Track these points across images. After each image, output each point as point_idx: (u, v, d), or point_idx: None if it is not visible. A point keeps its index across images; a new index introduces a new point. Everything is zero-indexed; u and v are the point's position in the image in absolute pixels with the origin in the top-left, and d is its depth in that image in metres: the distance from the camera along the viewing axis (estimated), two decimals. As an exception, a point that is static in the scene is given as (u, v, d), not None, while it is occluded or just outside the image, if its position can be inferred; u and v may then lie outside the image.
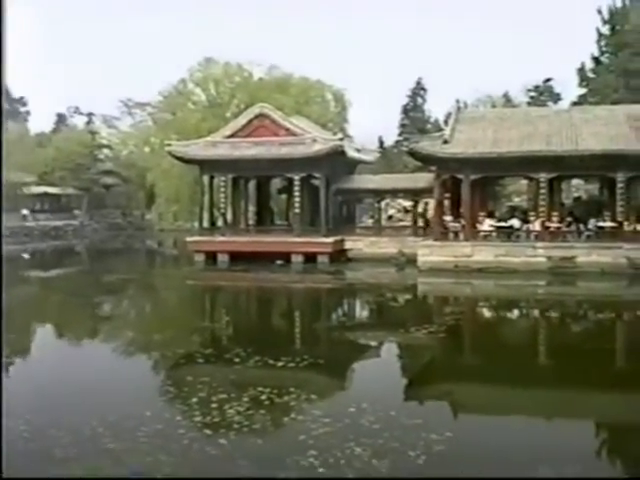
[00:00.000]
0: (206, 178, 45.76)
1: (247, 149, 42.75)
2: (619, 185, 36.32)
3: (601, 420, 13.11)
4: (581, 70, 65.36)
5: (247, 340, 19.89)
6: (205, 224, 45.94)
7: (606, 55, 63.20)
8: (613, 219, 36.85)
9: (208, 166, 44.39)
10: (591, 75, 64.37)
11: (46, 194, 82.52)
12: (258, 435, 11.31)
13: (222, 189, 44.71)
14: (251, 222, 49.90)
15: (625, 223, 36.21)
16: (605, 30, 62.91)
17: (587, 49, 74.03)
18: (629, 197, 37.81)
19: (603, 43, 63.43)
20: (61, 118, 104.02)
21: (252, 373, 15.49)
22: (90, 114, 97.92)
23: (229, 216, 46.54)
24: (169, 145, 46.28)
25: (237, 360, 16.39)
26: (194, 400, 13.07)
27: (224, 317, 26.23)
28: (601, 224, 37.43)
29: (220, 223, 45.72)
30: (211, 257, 42.54)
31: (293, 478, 9.69)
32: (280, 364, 15.91)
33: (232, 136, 44.40)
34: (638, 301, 29.17)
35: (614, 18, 61.13)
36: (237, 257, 41.06)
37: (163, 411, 12.60)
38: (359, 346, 20.37)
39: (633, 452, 11.55)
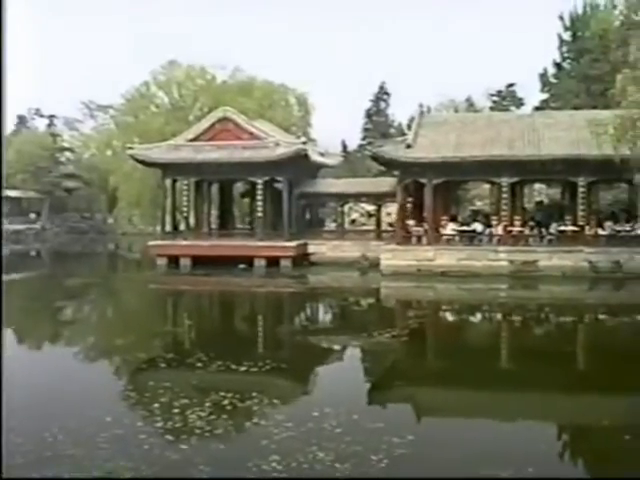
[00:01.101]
0: (168, 182, 45.61)
1: (210, 153, 42.60)
2: (580, 189, 36.66)
3: (562, 422, 13.18)
4: (543, 75, 66.00)
5: (209, 345, 19.82)
6: (167, 228, 45.80)
7: (568, 61, 63.86)
8: (574, 223, 37.19)
9: (170, 170, 44.22)
10: (553, 80, 65.02)
11: (6, 197, 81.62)
12: (220, 440, 11.23)
13: (184, 193, 44.52)
14: (214, 226, 49.76)
15: (586, 227, 36.55)
16: (567, 36, 63.56)
17: (549, 55, 74.70)
18: (590, 201, 38.22)
19: (565, 49, 64.09)
20: (22, 120, 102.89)
21: (214, 378, 15.42)
22: (52, 116, 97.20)
23: (191, 220, 46.33)
24: (131, 148, 45.98)
25: (199, 365, 16.27)
26: (155, 405, 12.95)
27: (186, 321, 26.09)
28: (562, 228, 37.78)
29: (182, 227, 45.57)
30: (173, 261, 42.32)
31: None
32: (243, 369, 15.82)
33: (195, 139, 44.25)
34: (599, 304, 29.42)
35: (575, 25, 61.76)
36: (199, 261, 40.86)
37: (124, 416, 12.46)
38: (322, 350, 20.32)
39: (593, 453, 11.65)
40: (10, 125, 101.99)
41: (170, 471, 9.87)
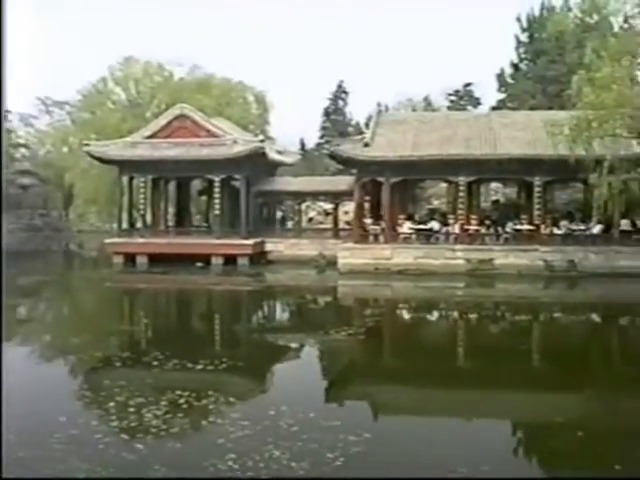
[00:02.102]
0: (125, 179, 45.27)
1: (167, 150, 42.41)
2: (536, 189, 37.04)
3: (517, 419, 13.28)
4: (500, 76, 66.58)
5: (166, 343, 19.75)
6: (124, 225, 45.47)
7: (525, 62, 64.54)
8: (530, 222, 37.55)
9: (127, 167, 43.92)
10: (510, 81, 65.61)
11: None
12: (176, 439, 11.16)
13: (141, 190, 44.27)
14: (171, 224, 49.55)
15: (542, 226, 36.94)
16: (524, 38, 64.25)
17: (506, 55, 75.19)
18: (546, 201, 38.64)
19: (522, 50, 64.75)
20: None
21: (170, 376, 15.32)
22: (6, 112, 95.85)
23: (148, 217, 46.10)
24: (88, 145, 45.60)
25: (155, 363, 16.16)
26: (111, 404, 12.84)
27: (143, 320, 25.91)
28: (519, 227, 38.15)
29: (139, 224, 45.25)
30: (130, 259, 42.08)
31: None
32: (199, 367, 15.76)
33: (152, 137, 44.03)
34: (554, 303, 29.73)
35: (532, 26, 62.44)
36: (156, 259, 40.65)
37: (78, 416, 12.34)
38: (279, 348, 20.28)
39: (547, 449, 11.74)
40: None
41: (125, 472, 9.78)
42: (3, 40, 11.00)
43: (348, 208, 44.11)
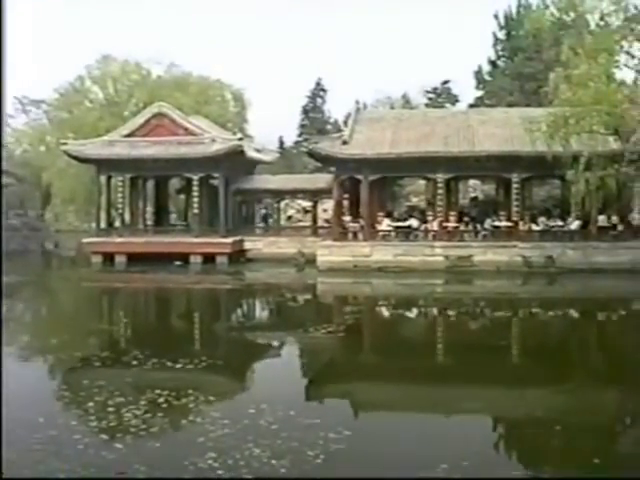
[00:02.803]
0: (103, 178, 45.07)
1: (145, 148, 42.29)
2: (514, 185, 37.21)
3: (497, 414, 13.35)
4: (478, 73, 66.81)
5: (145, 342, 19.70)
6: (102, 225, 45.28)
7: (502, 59, 64.77)
8: (508, 219, 37.71)
9: (105, 166, 43.76)
10: (488, 78, 65.84)
11: None
12: (156, 438, 11.14)
13: (120, 189, 44.17)
14: (149, 223, 49.36)
15: (520, 223, 37.12)
16: (501, 35, 64.50)
17: (484, 53, 75.34)
18: (524, 197, 38.79)
19: (499, 47, 65.00)
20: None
21: (150, 376, 15.28)
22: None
23: (127, 217, 45.96)
24: (65, 144, 45.39)
25: (135, 363, 16.13)
26: (90, 404, 12.79)
27: (122, 319, 25.77)
28: (497, 224, 38.28)
29: (117, 224, 45.12)
30: (108, 258, 41.93)
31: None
32: (178, 366, 15.72)
33: (130, 135, 43.90)
34: (532, 298, 29.85)
35: (510, 24, 62.69)
36: (135, 258, 40.51)
37: (58, 417, 12.30)
38: (259, 347, 20.30)
39: (527, 444, 11.82)
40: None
41: (105, 472, 9.75)
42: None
43: (327, 206, 44.14)
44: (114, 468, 9.85)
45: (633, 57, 31.96)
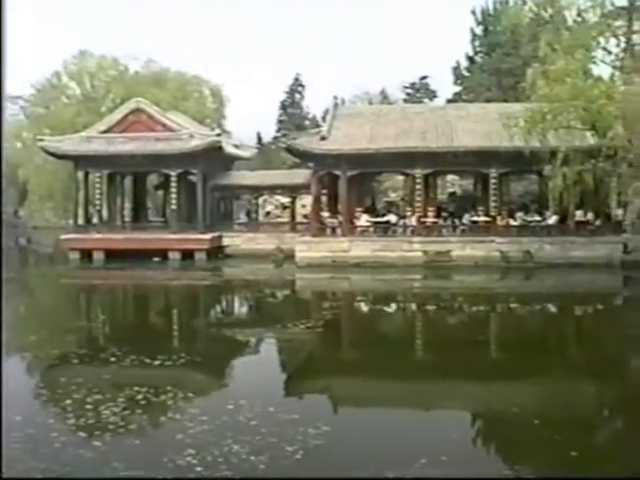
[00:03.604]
0: (81, 174, 44.88)
1: (123, 144, 42.12)
2: (492, 181, 37.32)
3: (475, 409, 13.39)
4: (456, 69, 66.89)
5: (123, 339, 19.61)
6: (80, 221, 45.07)
7: (480, 55, 64.86)
8: (486, 214, 37.85)
9: (82, 162, 43.54)
10: (466, 74, 65.95)
11: None
12: (134, 436, 11.12)
13: (97, 185, 43.92)
14: (127, 219, 49.19)
15: (498, 218, 37.22)
16: (479, 31, 64.59)
17: (462, 48, 75.44)
18: (502, 192, 38.88)
19: (477, 43, 65.10)
20: None
21: (128, 373, 15.22)
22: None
23: (104, 213, 45.73)
24: (42, 140, 45.08)
25: (113, 360, 16.07)
26: (68, 402, 12.75)
27: (100, 316, 25.73)
28: (475, 219, 38.42)
29: (95, 220, 44.88)
30: (86, 255, 41.73)
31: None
32: (157, 363, 15.68)
33: (107, 131, 43.70)
34: (510, 293, 29.93)
35: (487, 20, 62.80)
36: (113, 255, 40.37)
37: (35, 415, 12.23)
38: (237, 343, 20.28)
39: (505, 438, 11.88)
40: None
41: (83, 470, 9.71)
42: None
43: (305, 202, 44.09)
44: (92, 466, 9.81)
45: (610, 53, 32.19)
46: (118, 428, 11.33)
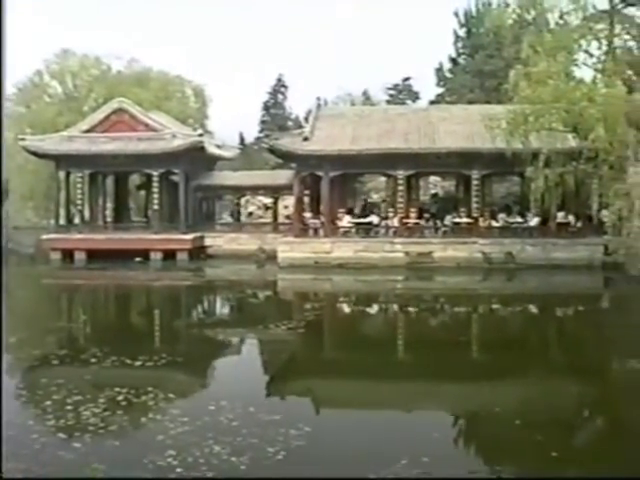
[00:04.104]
0: (62, 174, 44.62)
1: (105, 144, 41.98)
2: (474, 182, 37.42)
3: (457, 410, 13.43)
4: (439, 70, 67.00)
5: (104, 340, 19.54)
6: (61, 221, 44.86)
7: (463, 56, 64.96)
8: (469, 215, 37.94)
9: (64, 161, 43.33)
10: (448, 75, 66.05)
11: None
12: (114, 437, 11.06)
13: (79, 185, 43.78)
14: (109, 219, 48.99)
15: (480, 219, 37.32)
16: (462, 32, 64.68)
17: (445, 50, 75.56)
18: (484, 194, 39.00)
19: (460, 45, 65.19)
20: None
21: (109, 373, 15.16)
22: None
23: (86, 213, 45.57)
24: (23, 139, 44.83)
25: (93, 360, 16.01)
26: (48, 403, 12.67)
27: (81, 317, 25.60)
28: (457, 220, 38.50)
29: (77, 220, 44.70)
30: (68, 255, 41.54)
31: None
32: (138, 363, 15.63)
33: (89, 131, 43.53)
34: (492, 295, 30.02)
35: (470, 21, 62.91)
36: (95, 255, 40.20)
37: (15, 416, 12.08)
38: (219, 343, 20.27)
39: (487, 439, 11.92)
40: None
41: (62, 471, 9.67)
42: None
43: (288, 202, 44.07)
44: (72, 467, 9.76)
45: (591, 56, 32.29)
46: (98, 429, 11.29)
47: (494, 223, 38.06)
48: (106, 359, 16.09)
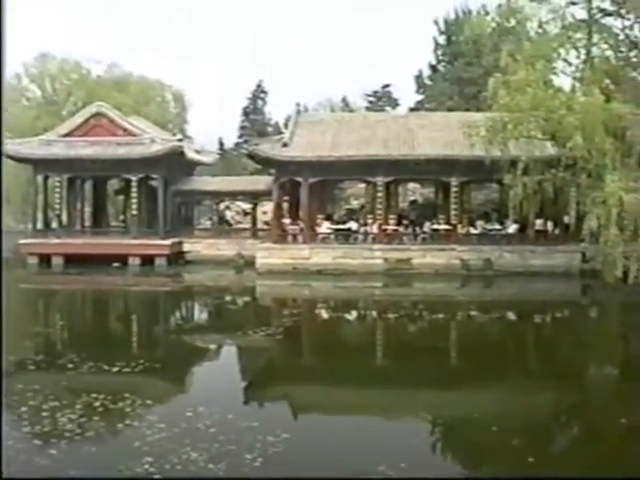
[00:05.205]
0: (40, 178, 44.39)
1: (83, 149, 41.78)
2: (453, 189, 37.52)
3: (435, 416, 13.45)
4: (419, 77, 67.29)
5: (81, 345, 19.42)
6: (39, 226, 44.62)
7: (442, 64, 65.29)
8: (447, 222, 38.01)
9: (42, 166, 43.07)
10: (428, 82, 66.34)
11: None
12: (91, 443, 11.01)
13: (57, 189, 43.49)
14: (87, 224, 48.76)
15: (459, 226, 37.42)
16: (442, 40, 64.99)
17: (425, 57, 75.92)
18: (462, 201, 39.07)
19: (440, 52, 65.51)
20: None
21: (86, 379, 15.09)
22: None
23: (64, 218, 45.29)
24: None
25: (70, 366, 15.92)
26: (24, 409, 12.58)
27: (58, 322, 25.45)
28: (436, 227, 38.57)
29: (55, 225, 44.45)
30: (45, 260, 41.26)
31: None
32: (115, 369, 15.56)
33: (68, 135, 43.29)
34: (470, 301, 30.11)
35: (450, 29, 63.16)
36: (72, 260, 39.96)
37: (-10, 422, 12.07)
38: (197, 349, 20.20)
39: (465, 444, 11.95)
40: None
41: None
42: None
43: (267, 208, 44.00)
44: (47, 474, 9.70)
45: (570, 64, 32.48)
46: (75, 435, 11.24)
47: (472, 230, 38.18)
48: (83, 365, 16.00)
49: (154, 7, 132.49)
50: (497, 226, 38.55)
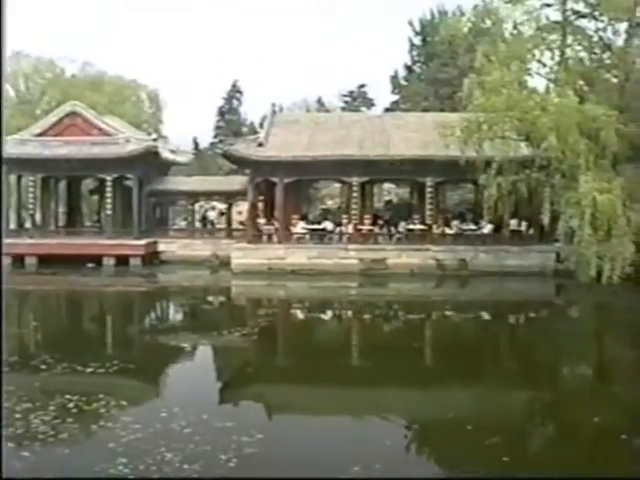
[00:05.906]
0: (13, 178, 44.07)
1: (57, 148, 41.50)
2: (428, 189, 37.61)
3: (409, 416, 13.47)
4: (394, 78, 67.44)
5: (55, 346, 19.31)
6: (12, 226, 44.27)
7: (418, 64, 65.54)
8: (422, 222, 38.09)
9: (15, 165, 42.69)
10: (403, 83, 66.54)
11: None
12: (65, 445, 10.94)
13: (30, 189, 43.23)
14: (61, 224, 48.44)
15: (434, 226, 37.51)
16: (417, 41, 65.20)
17: (400, 58, 75.97)
18: (438, 201, 39.26)
19: (415, 53, 65.74)
20: None
21: (59, 380, 15.01)
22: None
23: (38, 217, 44.99)
24: (-27, 142, 44.23)
25: (44, 367, 15.81)
26: (-4, 411, 12.50)
27: (31, 323, 25.29)
28: (411, 227, 38.62)
29: (28, 225, 44.12)
30: (18, 260, 40.95)
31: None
32: (89, 370, 15.48)
33: (42, 134, 42.98)
34: (445, 301, 30.19)
35: (425, 30, 63.38)
36: (46, 260, 39.63)
37: (-38, 424, 11.97)
38: (172, 350, 20.07)
39: (439, 445, 11.98)
40: None
41: None
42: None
43: (242, 208, 43.91)
44: (20, 476, 9.63)
45: (544, 65, 32.75)
46: (48, 437, 11.16)
47: (448, 230, 38.28)
48: (57, 366, 15.91)
49: (128, 6, 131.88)
50: (472, 226, 38.65)
